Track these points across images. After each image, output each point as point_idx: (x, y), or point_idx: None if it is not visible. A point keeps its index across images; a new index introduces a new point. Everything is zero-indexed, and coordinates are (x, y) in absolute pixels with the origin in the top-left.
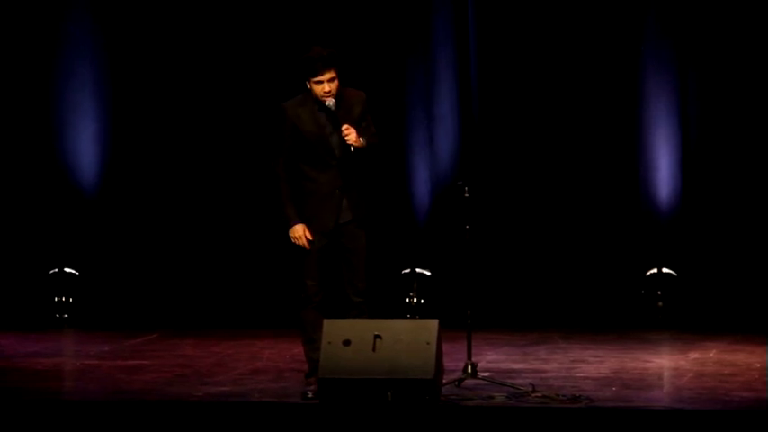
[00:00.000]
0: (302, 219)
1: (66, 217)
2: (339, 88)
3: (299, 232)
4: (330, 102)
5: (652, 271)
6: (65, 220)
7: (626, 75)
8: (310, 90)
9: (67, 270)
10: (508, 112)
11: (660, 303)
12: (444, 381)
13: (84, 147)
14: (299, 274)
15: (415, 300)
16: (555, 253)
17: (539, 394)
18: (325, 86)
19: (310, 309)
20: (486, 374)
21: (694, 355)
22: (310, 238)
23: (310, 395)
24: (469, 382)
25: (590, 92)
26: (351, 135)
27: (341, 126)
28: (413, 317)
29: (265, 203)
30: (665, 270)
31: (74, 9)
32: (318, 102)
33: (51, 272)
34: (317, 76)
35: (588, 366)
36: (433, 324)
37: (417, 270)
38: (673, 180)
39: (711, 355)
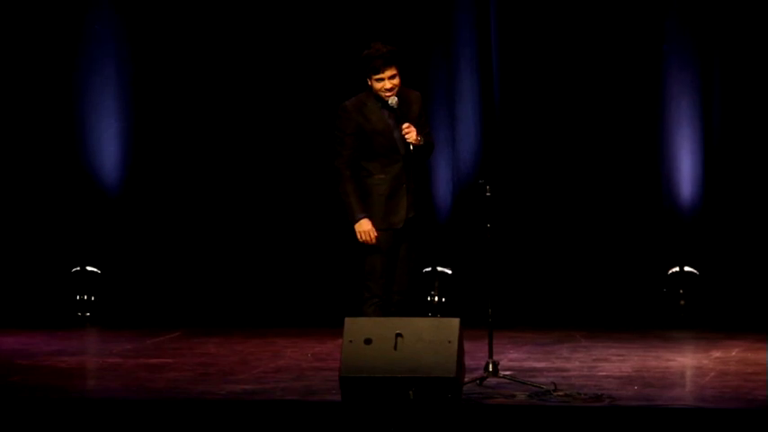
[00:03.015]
0: (373, 213)
1: (88, 215)
2: (400, 86)
3: (367, 227)
4: (393, 100)
5: (674, 269)
6: (87, 218)
7: (648, 73)
8: (371, 87)
9: (90, 268)
10: (530, 111)
11: (682, 302)
12: (466, 379)
13: (107, 145)
14: (366, 273)
15: (436, 298)
16: (576, 251)
17: (561, 393)
18: (386, 84)
19: (375, 308)
20: (507, 373)
21: (717, 353)
22: (376, 234)
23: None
24: (491, 380)
25: (612, 90)
26: (411, 133)
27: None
28: (434, 315)
29: (292, 201)
30: (687, 268)
31: (96, 7)
32: (380, 99)
33: (73, 270)
34: (378, 74)
35: (610, 365)
36: (455, 322)
37: (439, 269)
38: (695, 178)
39: (734, 354)
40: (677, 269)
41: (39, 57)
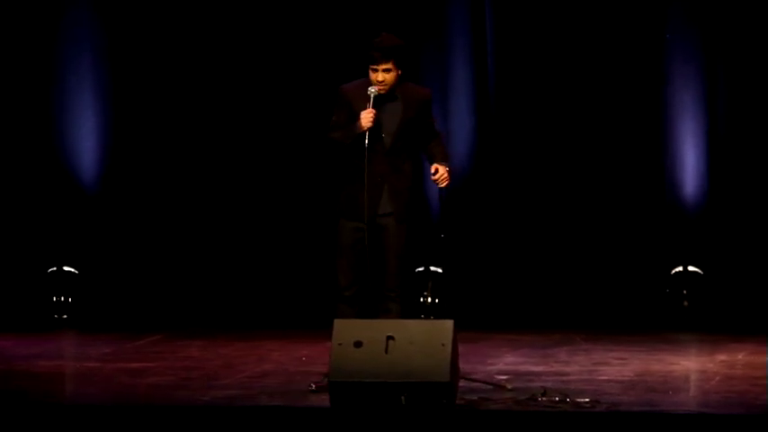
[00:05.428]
0: (342, 205)
1: (65, 213)
2: (396, 81)
3: (363, 115)
4: (372, 89)
5: (677, 269)
6: (64, 217)
7: (651, 64)
8: (368, 75)
9: (67, 269)
10: (526, 103)
11: (686, 303)
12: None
13: (85, 141)
14: (335, 268)
15: (429, 299)
16: (575, 249)
17: (555, 398)
18: (379, 76)
19: (341, 303)
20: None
21: (722, 357)
22: (371, 111)
23: (313, 387)
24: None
25: (613, 82)
26: (443, 179)
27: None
28: (427, 317)
29: (276, 201)
30: (690, 268)
31: (74, 2)
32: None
33: (50, 270)
34: (373, 64)
35: (611, 369)
36: (449, 325)
37: (431, 268)
38: (699, 174)
39: (740, 357)
40: (681, 268)
41: (16, 51)
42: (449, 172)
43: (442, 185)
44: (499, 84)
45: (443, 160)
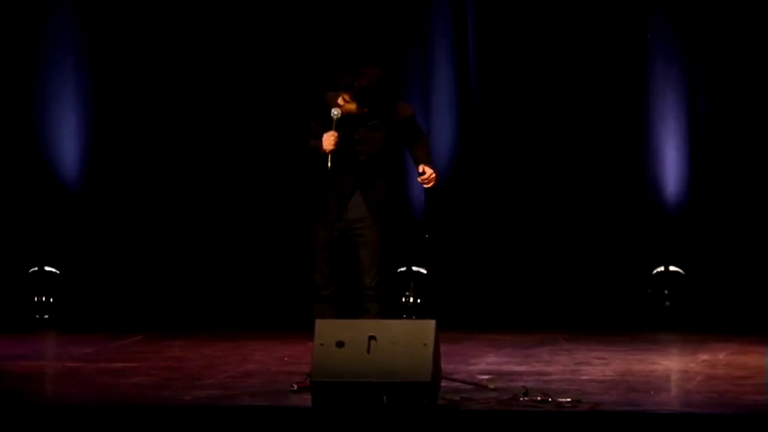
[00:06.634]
0: (311, 210)
1: (46, 213)
2: (376, 107)
3: (325, 136)
4: (336, 111)
5: (659, 269)
6: (45, 216)
7: (632, 65)
8: None
9: (48, 268)
10: (508, 104)
11: (668, 303)
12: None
13: (67, 141)
14: (310, 268)
15: (411, 299)
16: (558, 251)
17: (537, 398)
18: (340, 100)
19: (319, 302)
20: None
21: (704, 356)
22: (332, 134)
23: (295, 387)
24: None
25: (595, 83)
26: (430, 180)
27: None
28: (409, 317)
29: (258, 200)
30: (672, 268)
31: (56, 5)
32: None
33: (31, 270)
34: (340, 88)
35: (593, 369)
36: (431, 324)
37: (414, 268)
38: (681, 175)
39: (722, 357)
40: (662, 269)
41: None
42: (436, 173)
43: (429, 186)
44: (481, 83)
45: (428, 161)
